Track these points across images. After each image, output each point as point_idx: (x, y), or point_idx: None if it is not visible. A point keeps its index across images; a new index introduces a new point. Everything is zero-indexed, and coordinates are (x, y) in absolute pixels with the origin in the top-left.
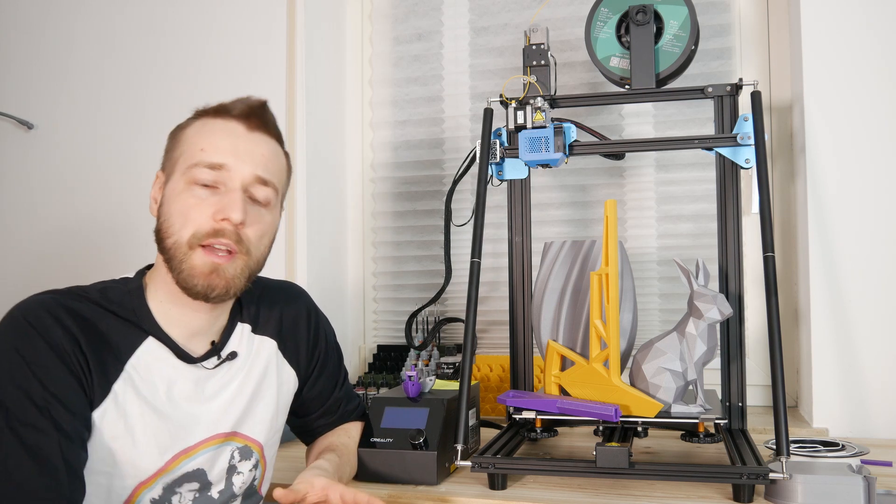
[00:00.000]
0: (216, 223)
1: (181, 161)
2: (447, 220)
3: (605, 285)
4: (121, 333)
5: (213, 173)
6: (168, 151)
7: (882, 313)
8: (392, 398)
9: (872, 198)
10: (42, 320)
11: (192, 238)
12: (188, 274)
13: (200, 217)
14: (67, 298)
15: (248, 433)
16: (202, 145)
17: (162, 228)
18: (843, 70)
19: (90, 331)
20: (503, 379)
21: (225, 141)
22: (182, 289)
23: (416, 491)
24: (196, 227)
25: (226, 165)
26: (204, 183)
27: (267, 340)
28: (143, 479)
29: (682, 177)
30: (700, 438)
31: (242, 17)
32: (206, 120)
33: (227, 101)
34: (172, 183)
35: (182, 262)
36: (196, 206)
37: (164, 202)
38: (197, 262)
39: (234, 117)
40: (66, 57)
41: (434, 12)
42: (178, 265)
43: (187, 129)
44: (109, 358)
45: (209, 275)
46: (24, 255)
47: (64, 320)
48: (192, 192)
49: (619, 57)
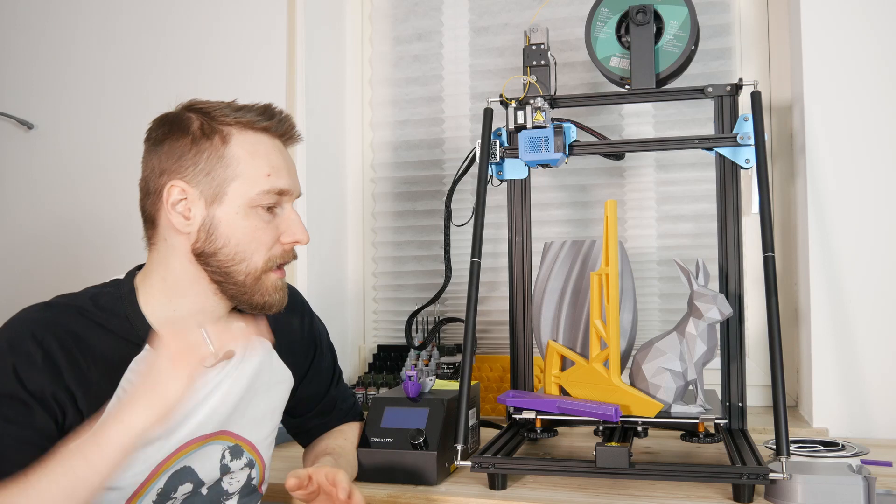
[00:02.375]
0: (285, 246)
1: (238, 183)
2: (447, 220)
3: (605, 285)
4: (114, 347)
5: (279, 198)
6: (212, 168)
7: (882, 313)
8: (392, 398)
9: (872, 198)
10: (27, 355)
11: (268, 263)
12: (268, 295)
13: (269, 241)
14: (60, 315)
15: (238, 432)
16: (266, 170)
17: (224, 252)
18: (843, 70)
19: (82, 349)
20: (503, 379)
21: (281, 162)
22: (251, 307)
23: (415, 491)
24: (268, 251)
25: (290, 191)
26: (269, 207)
27: (261, 340)
28: (134, 489)
29: (682, 177)
30: (700, 438)
31: (242, 18)
32: (249, 135)
33: (256, 112)
34: (228, 206)
35: (255, 284)
36: (264, 230)
37: (219, 224)
38: (270, 284)
39: (278, 135)
40: (66, 57)
41: (434, 12)
42: (251, 288)
43: (230, 146)
44: (102, 378)
45: (282, 292)
46: (25, 255)
47: (51, 350)
48: (258, 216)
49: (619, 57)
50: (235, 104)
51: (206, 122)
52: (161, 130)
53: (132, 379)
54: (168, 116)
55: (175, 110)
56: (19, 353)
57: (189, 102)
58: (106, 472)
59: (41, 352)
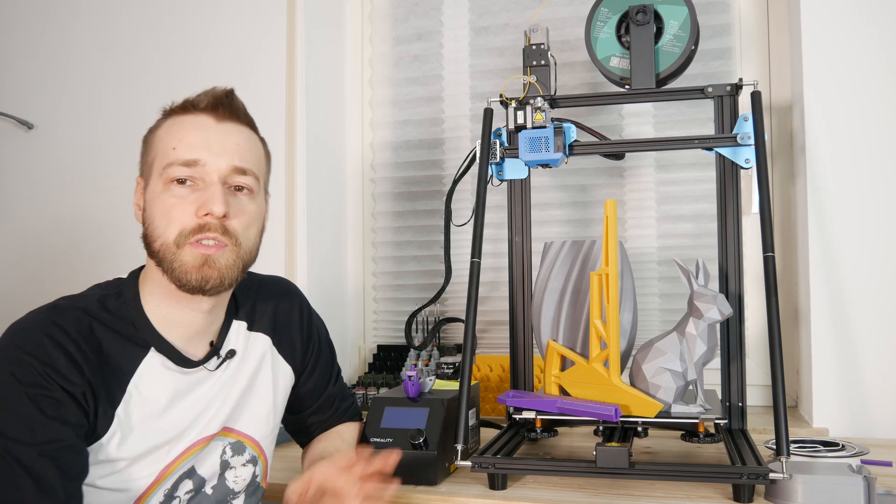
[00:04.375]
0: (200, 219)
1: (156, 163)
2: (447, 220)
3: (605, 285)
4: (123, 351)
5: (188, 170)
6: (143, 156)
7: (882, 313)
8: (392, 398)
9: (872, 197)
10: (43, 348)
11: (179, 237)
12: (181, 271)
13: (183, 215)
14: (69, 316)
15: (241, 429)
16: (174, 144)
17: (148, 232)
18: (843, 70)
19: (94, 351)
20: (503, 379)
21: (196, 136)
22: (178, 286)
23: (415, 491)
24: (181, 225)
25: (200, 160)
26: (181, 180)
27: (261, 336)
28: (142, 491)
29: (682, 177)
30: (700, 438)
31: (242, 18)
32: (174, 118)
33: (193, 96)
34: (151, 186)
35: (173, 261)
36: (177, 205)
37: (147, 206)
38: (187, 258)
39: (202, 111)
40: (66, 57)
41: (434, 12)
42: (169, 265)
43: (158, 131)
44: (113, 380)
45: (201, 267)
46: (25, 255)
47: (66, 345)
48: (171, 191)
49: (619, 57)
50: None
51: (159, 119)
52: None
53: (140, 388)
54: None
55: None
56: (43, 355)
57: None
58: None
59: (61, 351)
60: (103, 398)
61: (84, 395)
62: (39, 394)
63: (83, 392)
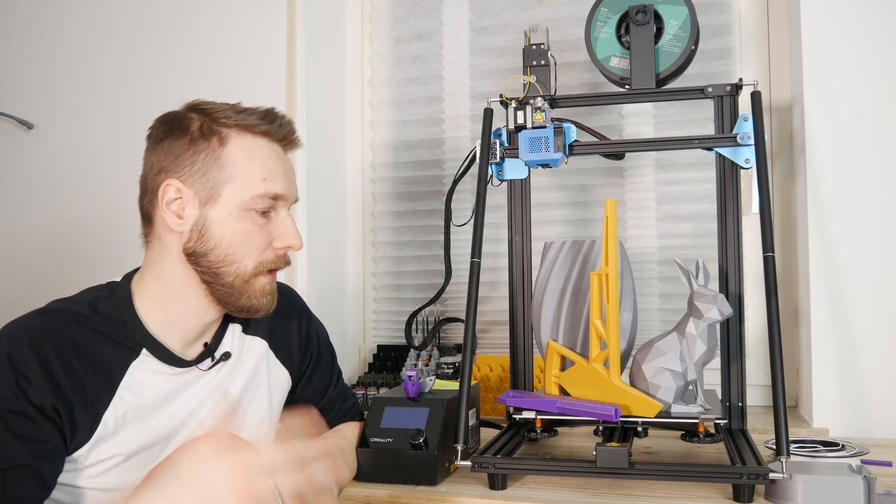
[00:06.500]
0: (278, 251)
1: (234, 187)
2: (447, 220)
3: (605, 285)
4: (112, 354)
5: (273, 202)
6: (193, 164)
7: (882, 313)
8: (392, 398)
9: (872, 197)
10: (22, 356)
11: (259, 267)
12: (255, 299)
13: (262, 245)
14: (57, 322)
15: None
16: (262, 174)
17: (214, 254)
18: (843, 70)
19: (79, 356)
20: (503, 379)
21: (278, 167)
22: (238, 310)
23: (416, 491)
24: (260, 255)
25: (283, 195)
26: (263, 211)
27: (257, 340)
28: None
29: (682, 177)
30: (700, 438)
31: (242, 18)
32: (246, 138)
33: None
34: (221, 207)
35: (244, 287)
36: (257, 233)
37: (210, 225)
38: (259, 288)
39: (277, 140)
40: (66, 57)
41: (434, 12)
42: (238, 290)
43: (227, 148)
44: (100, 386)
45: (271, 296)
46: (25, 255)
47: (46, 354)
48: (252, 220)
49: (619, 57)
50: (239, 107)
51: (207, 122)
52: (162, 129)
53: (131, 389)
54: (170, 115)
55: (178, 109)
56: (20, 365)
57: (193, 102)
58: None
59: (39, 362)
60: (86, 405)
61: (55, 408)
62: (6, 409)
63: (53, 405)
